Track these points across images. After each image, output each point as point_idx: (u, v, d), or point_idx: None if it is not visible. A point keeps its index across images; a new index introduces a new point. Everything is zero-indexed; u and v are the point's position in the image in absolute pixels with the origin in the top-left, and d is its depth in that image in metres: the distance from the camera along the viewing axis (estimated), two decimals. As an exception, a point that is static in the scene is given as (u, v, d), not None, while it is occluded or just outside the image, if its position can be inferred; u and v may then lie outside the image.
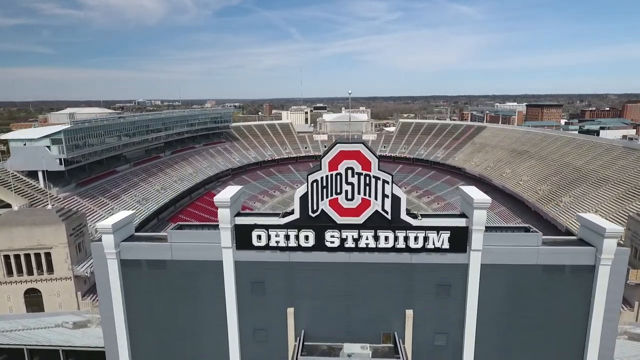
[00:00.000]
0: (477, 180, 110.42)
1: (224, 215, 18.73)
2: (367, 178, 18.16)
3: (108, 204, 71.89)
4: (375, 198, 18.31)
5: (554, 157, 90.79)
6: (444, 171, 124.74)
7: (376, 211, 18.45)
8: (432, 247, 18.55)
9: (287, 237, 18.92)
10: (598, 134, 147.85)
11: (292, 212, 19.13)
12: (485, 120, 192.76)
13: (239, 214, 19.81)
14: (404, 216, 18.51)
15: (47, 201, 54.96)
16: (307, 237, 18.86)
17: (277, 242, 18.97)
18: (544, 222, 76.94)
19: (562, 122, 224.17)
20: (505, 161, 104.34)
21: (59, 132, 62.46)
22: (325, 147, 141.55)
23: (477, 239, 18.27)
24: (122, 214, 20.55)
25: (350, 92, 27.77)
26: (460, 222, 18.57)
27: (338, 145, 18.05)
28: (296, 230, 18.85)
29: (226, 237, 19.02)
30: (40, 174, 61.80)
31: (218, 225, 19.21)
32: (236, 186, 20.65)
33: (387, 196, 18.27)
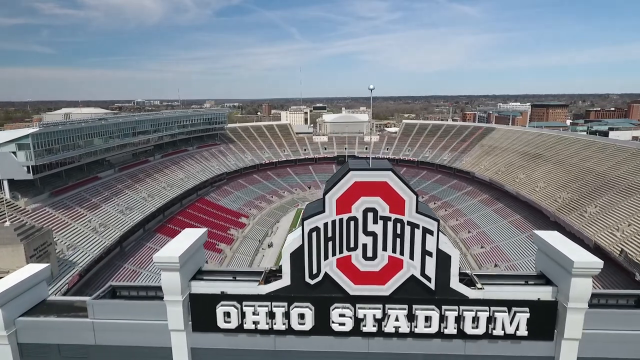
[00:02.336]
0: (488, 186, 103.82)
1: (170, 283, 11.88)
2: (399, 225, 11.36)
3: (86, 215, 64.87)
4: (411, 257, 11.51)
5: (573, 162, 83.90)
6: (450, 175, 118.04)
7: (412, 276, 11.67)
8: (501, 332, 11.75)
9: (271, 315, 12.12)
10: (607, 135, 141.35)
11: (278, 274, 12.35)
12: (492, 121, 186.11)
13: (199, 273, 13.03)
14: (455, 284, 11.73)
15: (7, 216, 48.09)
16: (302, 316, 12.06)
17: (256, 322, 12.15)
18: (566, 234, 69.75)
19: (568, 122, 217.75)
20: (517, 165, 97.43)
21: (26, 136, 55.51)
22: (325, 149, 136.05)
23: (573, 322, 11.48)
24: (27, 270, 13.72)
25: (372, 87, 20.16)
26: (546, 294, 11.79)
27: (352, 173, 11.22)
28: (286, 304, 12.06)
29: (176, 315, 12.18)
30: (5, 183, 54.93)
31: None
32: (195, 230, 13.63)
33: (430, 253, 11.47)
